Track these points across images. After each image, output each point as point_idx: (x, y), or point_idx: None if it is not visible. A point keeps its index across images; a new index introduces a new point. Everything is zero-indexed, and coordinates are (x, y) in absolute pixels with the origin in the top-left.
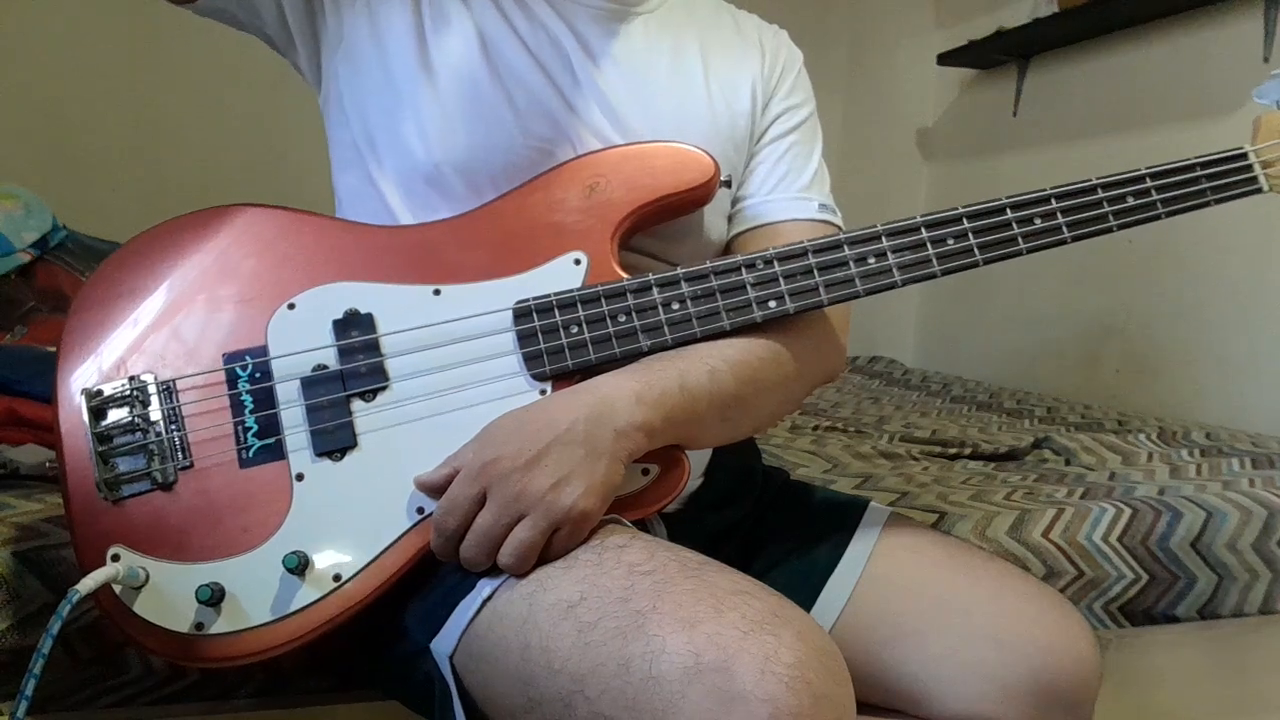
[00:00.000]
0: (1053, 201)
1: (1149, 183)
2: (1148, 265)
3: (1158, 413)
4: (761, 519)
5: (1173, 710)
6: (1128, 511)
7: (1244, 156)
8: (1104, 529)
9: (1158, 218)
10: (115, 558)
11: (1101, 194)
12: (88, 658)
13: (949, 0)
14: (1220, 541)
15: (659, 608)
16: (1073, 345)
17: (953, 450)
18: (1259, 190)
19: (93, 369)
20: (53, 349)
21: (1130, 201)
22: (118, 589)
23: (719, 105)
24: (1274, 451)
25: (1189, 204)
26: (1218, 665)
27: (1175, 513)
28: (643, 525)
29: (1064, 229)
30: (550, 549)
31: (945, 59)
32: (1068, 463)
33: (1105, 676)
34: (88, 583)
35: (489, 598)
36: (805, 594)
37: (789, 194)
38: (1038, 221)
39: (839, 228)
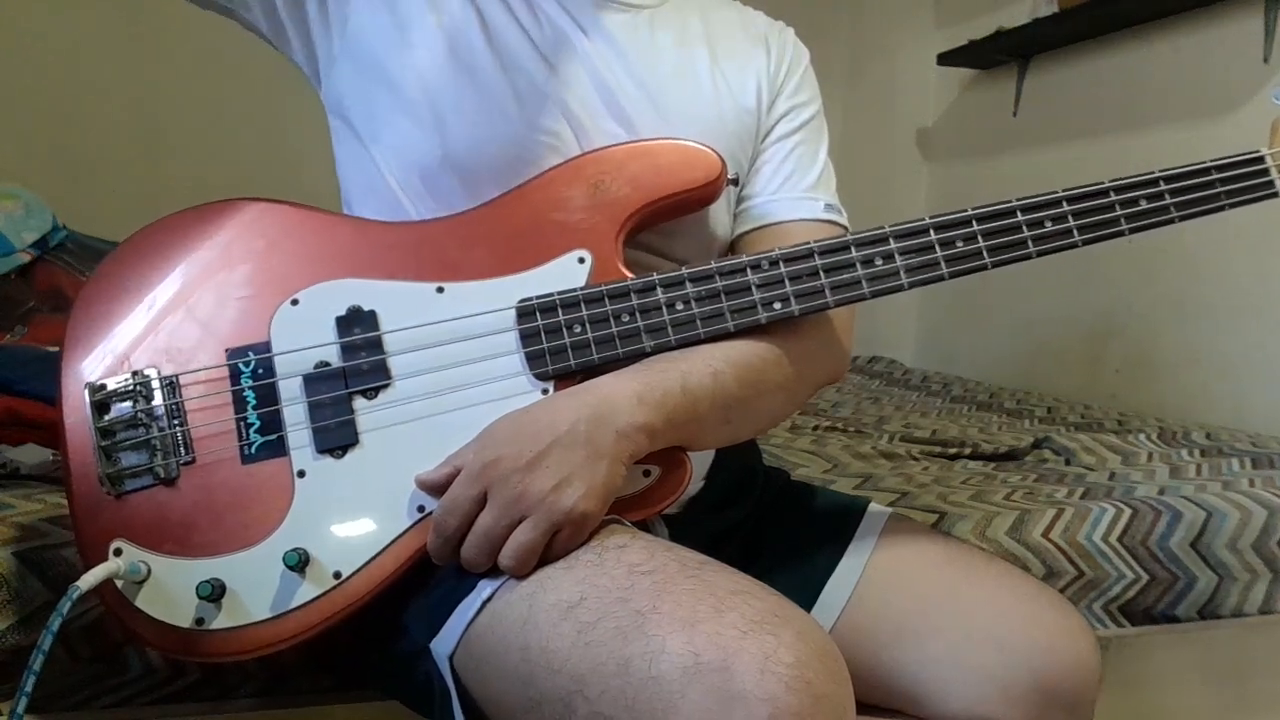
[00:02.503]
0: (1064, 204)
1: (1163, 186)
2: (1148, 264)
3: (1158, 413)
4: (762, 520)
5: (1173, 710)
6: (1128, 511)
7: (1260, 160)
8: (1104, 529)
9: (1171, 221)
10: (118, 552)
11: (1114, 196)
12: (87, 657)
13: (949, 0)
14: (1220, 541)
15: (659, 608)
16: (1073, 345)
17: (953, 450)
18: (1275, 195)
19: (96, 363)
20: (53, 349)
21: (1143, 205)
22: (119, 583)
23: (725, 102)
24: (1274, 451)
25: (1203, 208)
26: (1218, 665)
27: (1175, 513)
28: (644, 526)
29: (1075, 232)
30: (551, 550)
31: (945, 59)
32: (1068, 463)
33: (1105, 676)
34: (88, 579)
35: (489, 598)
36: (805, 595)
37: (795, 193)
38: (1048, 224)
39: (845, 228)
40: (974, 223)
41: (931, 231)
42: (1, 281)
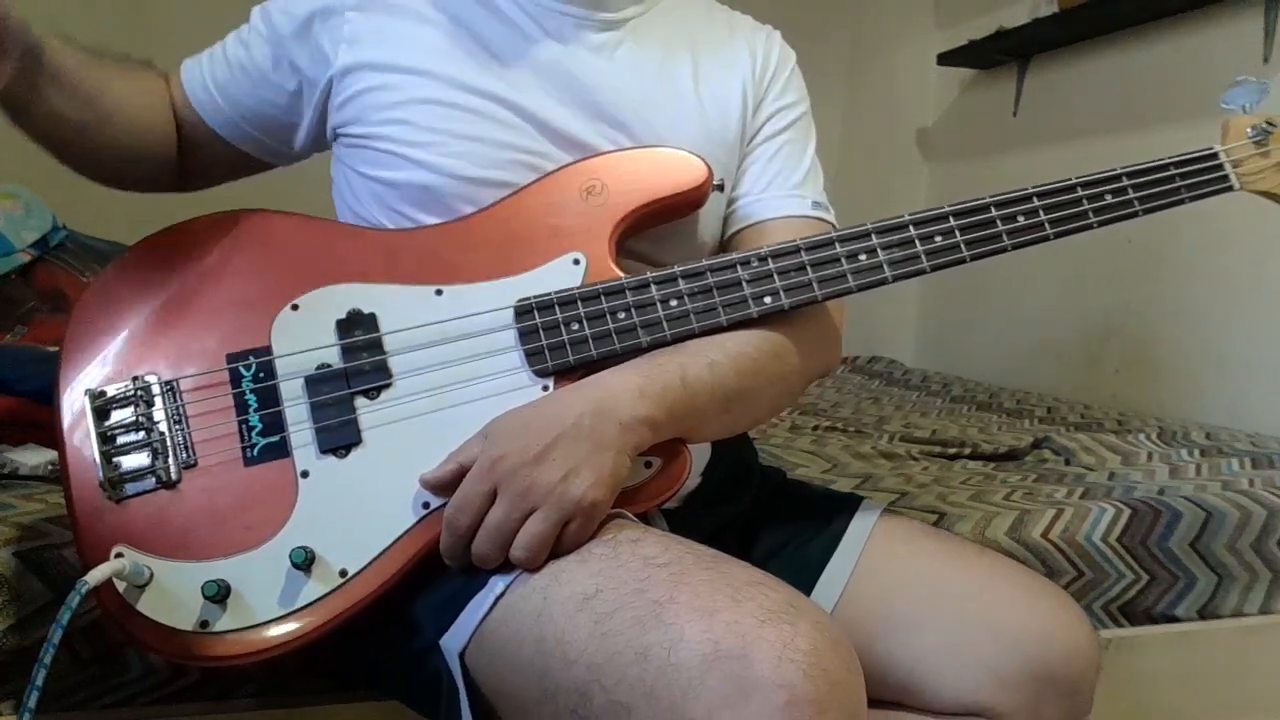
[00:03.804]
0: (1034, 200)
1: (1125, 181)
2: (1147, 265)
3: (1158, 413)
4: (757, 516)
5: (1173, 710)
6: (1127, 511)
7: (1215, 156)
8: (1104, 529)
9: (1135, 214)
10: (119, 557)
11: (1081, 192)
12: (88, 657)
13: (949, 0)
14: (1220, 541)
15: (676, 598)
16: (1073, 345)
17: (953, 450)
18: (1230, 188)
19: (96, 369)
20: (53, 349)
21: (1108, 199)
22: (121, 586)
23: (710, 109)
24: (1274, 451)
25: (1165, 201)
26: (1218, 665)
27: (1175, 513)
28: (645, 522)
29: (1046, 226)
30: (561, 543)
31: (945, 59)
32: (1067, 463)
33: (1105, 677)
34: (96, 574)
35: (502, 594)
36: (800, 587)
37: (782, 192)
38: (1021, 219)
39: (832, 225)
40: (951, 219)
41: (911, 227)
42: (1, 281)
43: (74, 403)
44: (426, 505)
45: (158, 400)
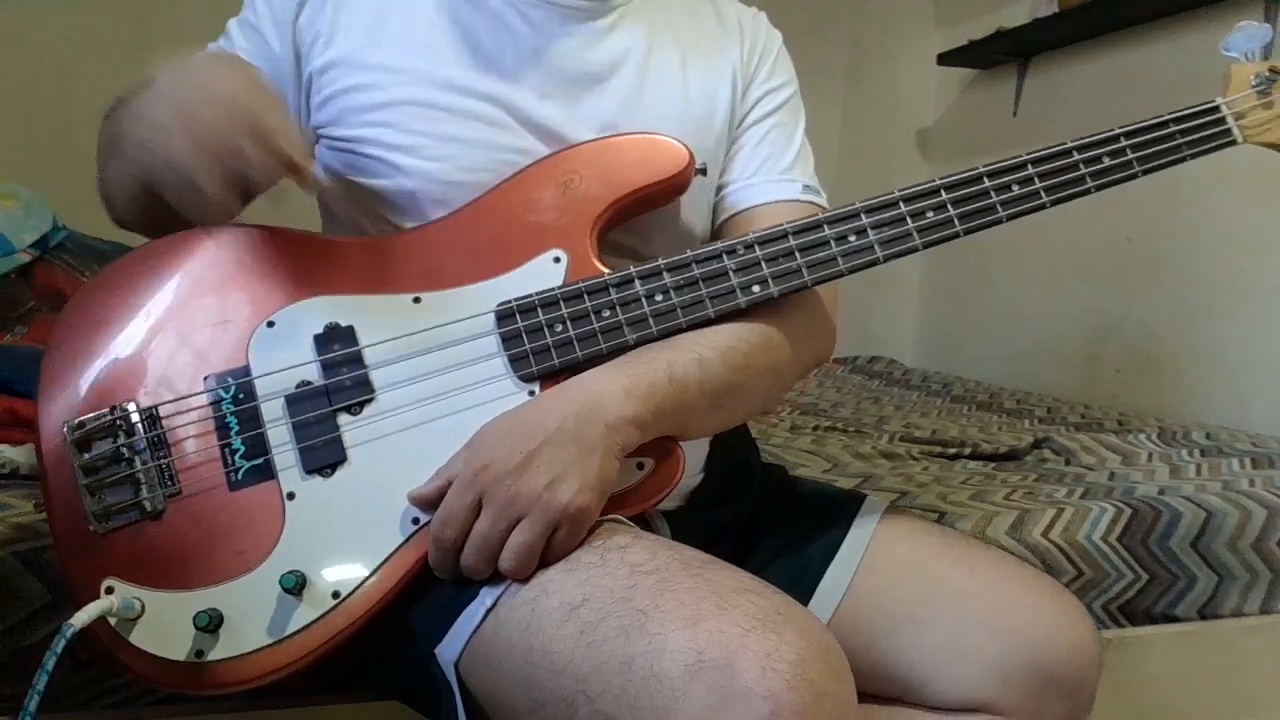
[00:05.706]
0: (1029, 167)
1: (1123, 142)
2: (1147, 265)
3: (1158, 413)
4: (759, 515)
5: (1173, 710)
6: (1128, 511)
7: (1216, 109)
8: (1104, 529)
9: (1135, 176)
10: (109, 590)
11: (1077, 156)
12: (87, 659)
13: (949, 0)
14: (1220, 541)
15: (661, 606)
16: (1073, 345)
17: (953, 450)
18: (1233, 142)
19: (74, 401)
20: None
21: (1106, 161)
22: (113, 621)
23: (696, 95)
24: (1274, 451)
25: (1165, 160)
26: (1218, 665)
27: (1175, 513)
28: (646, 524)
29: (1042, 193)
30: (550, 550)
31: (945, 59)
32: (1068, 463)
33: (1106, 676)
34: (82, 617)
35: (492, 607)
36: (803, 587)
37: (771, 176)
38: (1015, 188)
39: (823, 208)
40: (942, 192)
41: (902, 204)
42: (1, 281)
43: (54, 435)
44: (416, 521)
45: (138, 429)
